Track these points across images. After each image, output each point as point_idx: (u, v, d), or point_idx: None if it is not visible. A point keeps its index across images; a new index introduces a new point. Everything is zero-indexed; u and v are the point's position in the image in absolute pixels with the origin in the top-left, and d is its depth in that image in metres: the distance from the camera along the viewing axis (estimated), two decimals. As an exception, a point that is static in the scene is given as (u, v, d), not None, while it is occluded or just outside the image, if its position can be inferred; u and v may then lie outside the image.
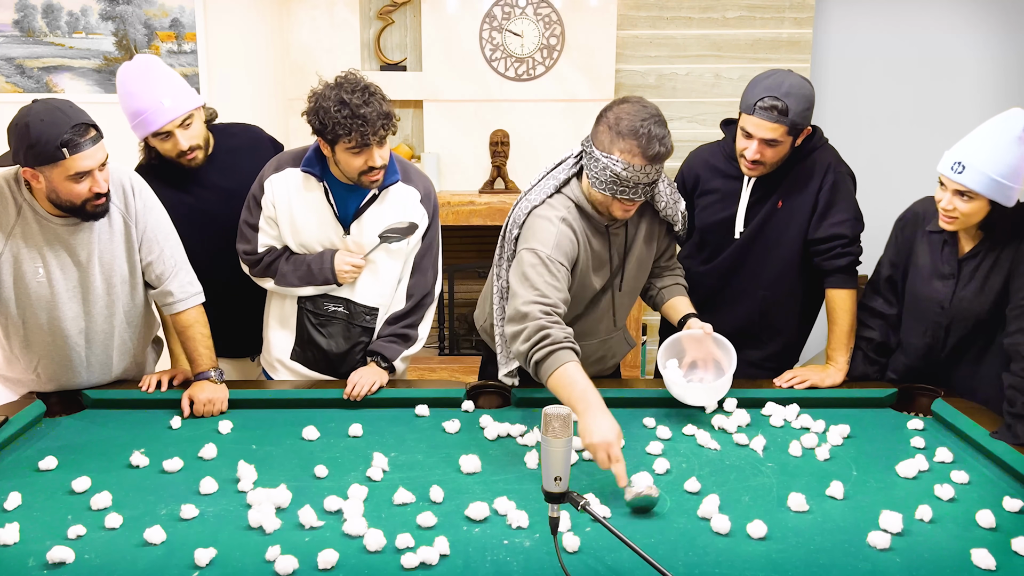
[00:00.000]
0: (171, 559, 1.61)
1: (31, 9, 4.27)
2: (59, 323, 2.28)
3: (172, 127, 2.44)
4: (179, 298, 2.39)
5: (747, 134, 2.41)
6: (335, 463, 2.02)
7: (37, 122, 2.05)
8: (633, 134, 2.11)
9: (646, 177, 2.15)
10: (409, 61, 4.34)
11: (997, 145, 2.11)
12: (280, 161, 2.44)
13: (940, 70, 4.47)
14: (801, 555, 1.63)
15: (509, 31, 4.21)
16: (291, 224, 2.41)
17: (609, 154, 2.14)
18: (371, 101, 2.22)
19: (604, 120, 2.16)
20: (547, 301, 2.10)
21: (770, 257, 2.58)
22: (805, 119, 2.40)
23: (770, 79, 2.39)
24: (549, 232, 2.20)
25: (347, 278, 2.42)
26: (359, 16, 4.22)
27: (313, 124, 2.26)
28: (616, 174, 2.13)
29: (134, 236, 2.31)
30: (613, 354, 2.58)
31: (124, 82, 2.45)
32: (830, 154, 2.54)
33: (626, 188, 2.16)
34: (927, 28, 4.44)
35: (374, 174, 2.31)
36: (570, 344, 2.04)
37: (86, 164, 2.09)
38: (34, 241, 2.20)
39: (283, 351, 2.54)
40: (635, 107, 2.14)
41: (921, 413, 2.34)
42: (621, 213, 2.24)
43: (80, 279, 2.27)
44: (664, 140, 2.13)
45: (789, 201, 2.53)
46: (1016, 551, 1.64)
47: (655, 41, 4.34)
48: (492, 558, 1.62)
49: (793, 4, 4.29)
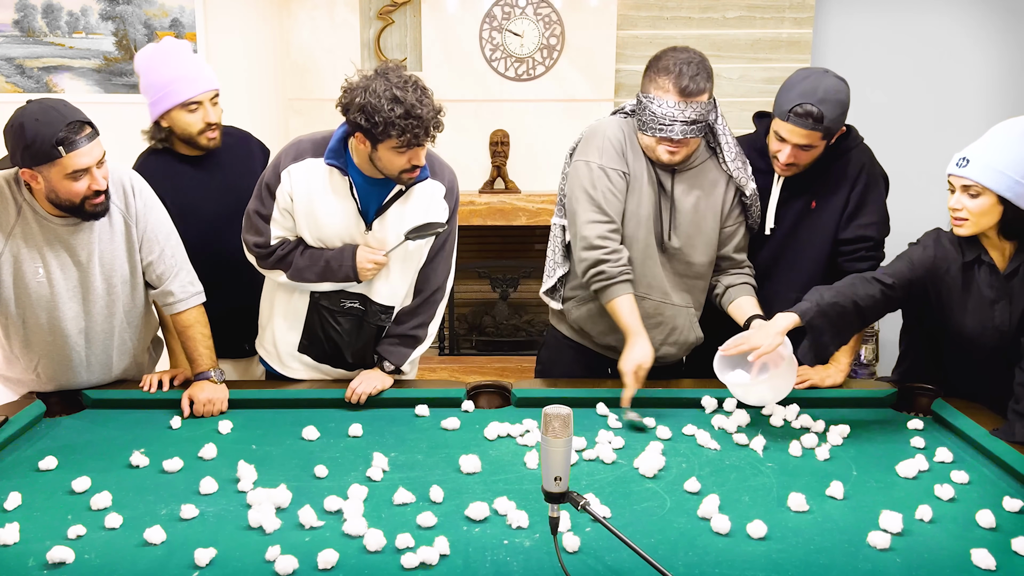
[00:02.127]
0: (171, 559, 1.61)
1: (31, 9, 4.28)
2: (59, 323, 2.28)
3: (205, 98, 2.51)
4: (180, 298, 2.39)
5: (780, 138, 2.39)
6: (335, 463, 2.02)
7: (32, 122, 2.05)
8: (666, 70, 2.29)
9: (680, 114, 2.26)
10: (409, 61, 4.34)
11: (1005, 141, 2.06)
12: (299, 150, 2.32)
13: (940, 70, 4.47)
14: (801, 555, 1.63)
15: (509, 31, 4.21)
16: (310, 217, 2.32)
17: (647, 93, 2.33)
18: (424, 100, 2.13)
19: (648, 67, 2.34)
20: (602, 220, 2.38)
21: (803, 259, 2.55)
22: (840, 123, 2.37)
23: (805, 83, 2.33)
24: (596, 140, 2.43)
25: (368, 275, 2.34)
26: (359, 16, 4.22)
27: (356, 120, 2.13)
28: (652, 112, 2.29)
29: (134, 236, 2.31)
30: (673, 328, 2.51)
31: (153, 56, 2.52)
32: (865, 155, 2.51)
33: (662, 126, 2.27)
34: (927, 28, 4.44)
35: (415, 172, 2.24)
36: (623, 278, 2.35)
37: (83, 161, 2.09)
38: (34, 241, 2.20)
39: (290, 344, 2.49)
40: (677, 50, 2.32)
41: (921, 413, 2.34)
42: (667, 156, 2.35)
43: (80, 279, 2.27)
44: (696, 78, 2.27)
45: (823, 202, 2.50)
46: (1016, 551, 1.64)
47: (655, 41, 4.34)
48: (492, 558, 1.62)
49: (793, 4, 4.29)
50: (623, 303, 2.34)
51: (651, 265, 2.46)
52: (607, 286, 2.35)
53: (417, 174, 2.26)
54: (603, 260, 2.36)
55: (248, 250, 2.41)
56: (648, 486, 1.92)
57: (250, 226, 2.39)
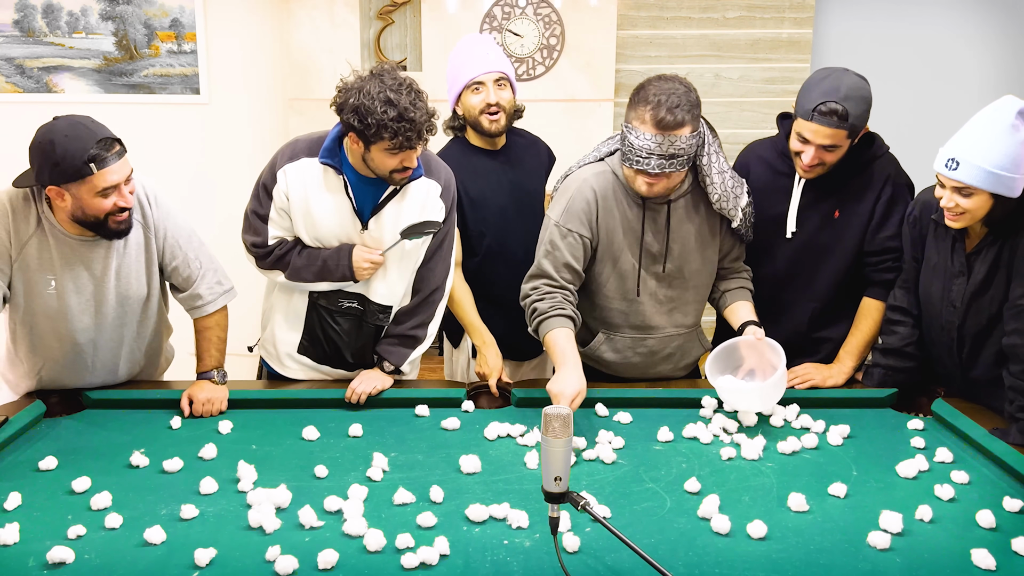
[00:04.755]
0: (171, 559, 1.61)
1: (31, 9, 4.27)
2: (70, 334, 2.27)
3: (488, 79, 2.58)
4: (208, 300, 2.40)
5: (804, 139, 2.34)
6: (335, 463, 2.02)
7: (62, 138, 2.03)
8: (644, 101, 2.19)
9: (658, 147, 2.18)
10: (409, 61, 4.34)
11: (990, 136, 2.05)
12: (295, 150, 2.33)
13: (940, 70, 4.47)
14: (801, 555, 1.63)
15: (509, 31, 4.21)
16: (306, 217, 2.33)
17: (628, 123, 2.24)
18: (418, 103, 2.13)
19: (632, 95, 2.25)
20: (539, 275, 2.37)
21: (823, 268, 2.52)
22: (864, 120, 2.34)
23: (827, 82, 2.30)
24: (564, 198, 2.38)
25: (365, 275, 2.35)
26: (359, 16, 4.22)
27: (350, 120, 2.14)
28: (631, 144, 2.21)
29: (154, 247, 2.30)
30: (682, 354, 2.54)
31: (454, 51, 2.69)
32: (890, 165, 2.48)
33: (639, 158, 2.20)
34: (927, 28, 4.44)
35: (406, 172, 2.25)
36: (554, 313, 2.30)
37: (113, 179, 2.08)
38: (48, 255, 2.19)
39: (290, 344, 2.49)
40: (662, 79, 2.23)
41: (921, 413, 2.34)
42: (645, 189, 2.28)
43: (94, 293, 2.26)
44: (676, 110, 2.16)
45: (846, 211, 2.47)
46: (1016, 551, 1.64)
47: (655, 41, 4.34)
48: (492, 558, 1.62)
49: (793, 4, 4.29)
50: (554, 336, 2.28)
51: (647, 308, 2.44)
52: (540, 322, 2.32)
53: (408, 175, 2.27)
54: (535, 301, 2.35)
55: (246, 250, 2.41)
56: (648, 486, 1.92)
57: (248, 226, 2.39)
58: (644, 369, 2.51)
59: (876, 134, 2.48)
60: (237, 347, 2.88)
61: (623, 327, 2.46)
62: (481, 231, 2.66)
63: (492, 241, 2.67)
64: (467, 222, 2.64)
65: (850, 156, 2.41)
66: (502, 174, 2.70)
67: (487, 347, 2.57)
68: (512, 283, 2.52)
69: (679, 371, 2.57)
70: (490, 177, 2.68)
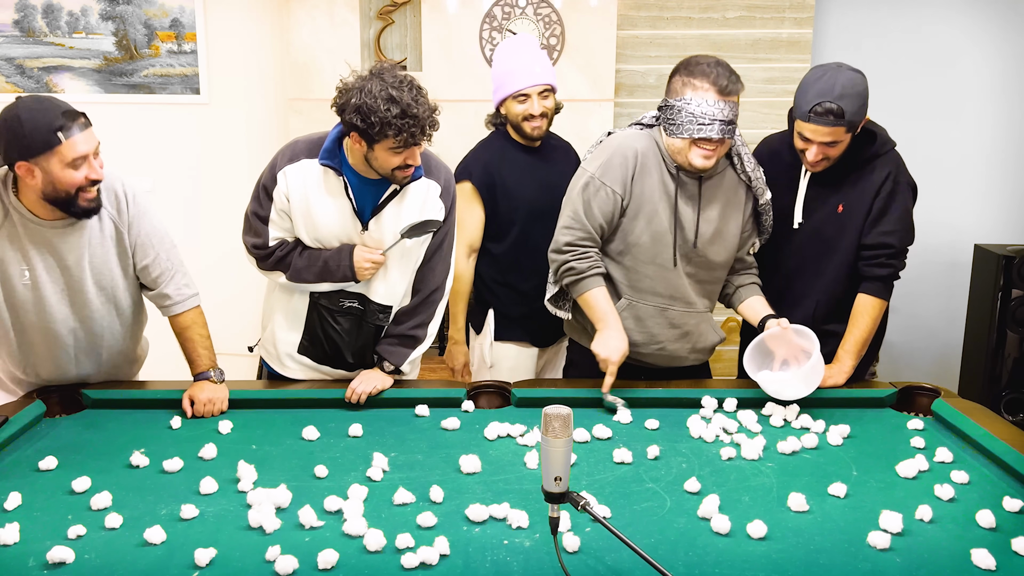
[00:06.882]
0: (171, 559, 1.61)
1: (31, 9, 4.27)
2: (49, 324, 2.28)
3: (534, 91, 2.72)
4: (176, 300, 2.40)
5: (805, 138, 2.40)
6: (335, 463, 2.02)
7: (27, 111, 2.06)
8: (702, 72, 2.31)
9: (720, 112, 2.28)
10: (409, 61, 4.33)
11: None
12: (295, 151, 2.34)
13: (940, 69, 4.46)
14: (801, 555, 1.63)
15: (509, 31, 4.21)
16: (306, 218, 2.33)
17: (680, 96, 2.33)
18: (420, 99, 2.14)
19: (676, 73, 2.37)
20: (575, 227, 2.43)
21: (826, 262, 2.55)
22: (862, 114, 2.39)
23: (822, 81, 2.34)
24: (605, 153, 2.45)
25: (366, 275, 2.36)
26: (359, 16, 4.22)
27: (352, 120, 2.14)
28: (692, 113, 2.29)
29: (127, 241, 2.31)
30: (699, 335, 2.55)
31: (502, 49, 2.83)
32: (892, 162, 2.51)
33: (701, 125, 2.28)
34: (927, 28, 4.44)
35: (409, 170, 2.25)
36: (592, 272, 2.41)
37: (81, 149, 2.09)
38: (19, 244, 2.20)
39: (290, 344, 2.49)
40: (704, 56, 2.36)
41: (921, 413, 2.34)
42: (701, 160, 2.35)
43: (68, 282, 2.26)
44: (732, 76, 2.32)
45: (849, 206, 2.50)
46: (1016, 551, 1.64)
47: (655, 41, 4.34)
48: (492, 558, 1.62)
49: (793, 4, 4.29)
50: (594, 295, 2.41)
51: (673, 277, 2.46)
52: (577, 281, 2.43)
53: (411, 173, 2.27)
54: (569, 260, 2.43)
55: (247, 252, 2.42)
56: (648, 486, 1.92)
57: (248, 228, 2.40)
58: (662, 343, 2.51)
59: (881, 130, 2.51)
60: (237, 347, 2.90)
61: (648, 294, 2.48)
62: (511, 219, 2.82)
63: (519, 231, 2.82)
64: (499, 209, 2.81)
65: (854, 152, 2.44)
66: (536, 170, 2.85)
67: (457, 345, 2.92)
68: (532, 273, 2.76)
69: (691, 356, 2.57)
70: (525, 171, 2.83)
